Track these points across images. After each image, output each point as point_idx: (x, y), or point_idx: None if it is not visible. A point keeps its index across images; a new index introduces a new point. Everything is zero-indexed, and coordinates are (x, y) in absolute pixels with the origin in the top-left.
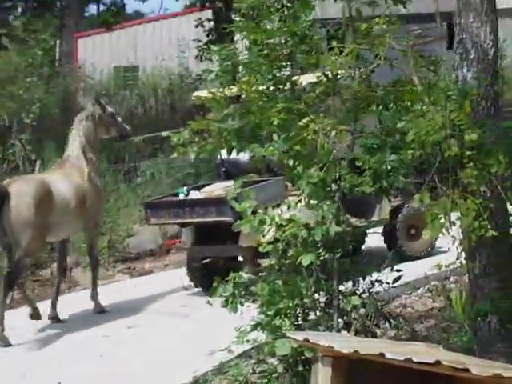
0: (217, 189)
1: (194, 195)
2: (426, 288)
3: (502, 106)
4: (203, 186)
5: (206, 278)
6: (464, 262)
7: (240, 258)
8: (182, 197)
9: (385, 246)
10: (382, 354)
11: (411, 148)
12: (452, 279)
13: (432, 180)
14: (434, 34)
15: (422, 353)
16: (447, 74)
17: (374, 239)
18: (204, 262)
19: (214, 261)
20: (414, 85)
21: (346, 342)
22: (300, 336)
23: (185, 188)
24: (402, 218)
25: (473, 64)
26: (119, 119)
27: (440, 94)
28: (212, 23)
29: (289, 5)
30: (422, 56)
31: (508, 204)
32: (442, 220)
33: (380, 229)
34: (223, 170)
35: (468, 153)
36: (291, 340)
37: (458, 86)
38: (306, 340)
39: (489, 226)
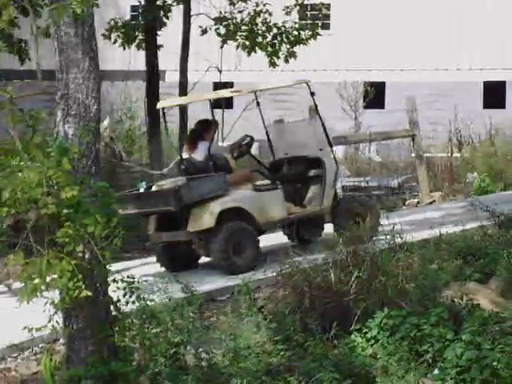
0: (167, 183)
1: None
2: (31, 350)
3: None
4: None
5: (168, 259)
6: (56, 324)
7: None
8: (141, 190)
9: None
10: None
11: (7, 205)
12: (62, 341)
13: (28, 239)
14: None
15: None
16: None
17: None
18: (165, 245)
19: (175, 244)
20: (13, 140)
21: None
22: None
23: (143, 183)
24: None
25: (75, 120)
26: None
27: (38, 151)
28: None
29: None
30: (22, 110)
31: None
32: (36, 281)
33: None
34: (182, 167)
35: (65, 211)
36: None
37: (58, 142)
38: None
39: (83, 287)
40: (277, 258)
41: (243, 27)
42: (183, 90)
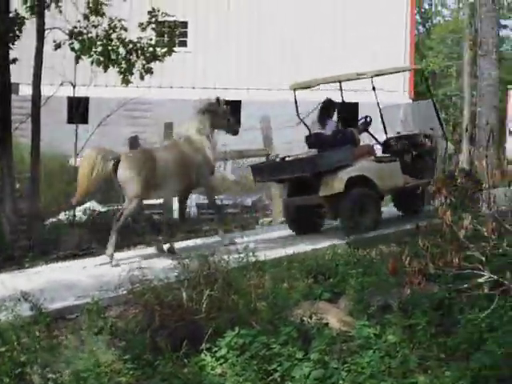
0: (302, 154)
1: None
2: None
3: None
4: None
5: (297, 224)
6: None
7: None
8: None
9: None
10: None
11: None
12: None
13: None
14: None
15: None
16: None
17: None
18: (294, 211)
19: (304, 209)
20: None
21: None
22: None
23: (279, 155)
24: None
25: None
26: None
27: None
28: None
29: None
30: None
31: None
32: None
33: None
34: (311, 141)
35: None
36: None
37: None
38: None
39: None
40: None
41: (98, 42)
42: (36, 104)
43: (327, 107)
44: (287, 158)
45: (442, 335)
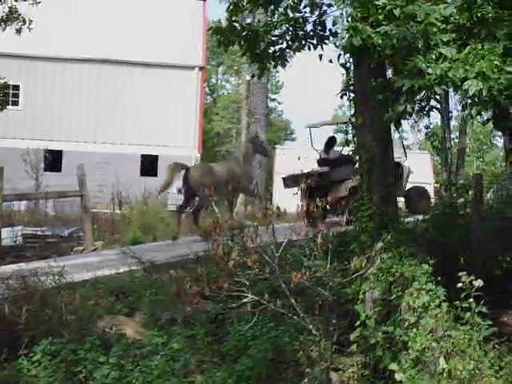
0: (319, 169)
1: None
2: None
3: None
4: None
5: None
6: None
7: None
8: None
9: None
10: None
11: None
12: None
13: None
14: None
15: None
16: None
17: None
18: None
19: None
20: None
21: None
22: None
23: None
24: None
25: None
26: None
27: None
28: None
29: None
30: None
31: None
32: None
33: None
34: (322, 162)
35: None
36: None
37: None
38: None
39: None
40: None
41: None
42: None
43: (331, 141)
44: (305, 171)
45: (216, 343)
